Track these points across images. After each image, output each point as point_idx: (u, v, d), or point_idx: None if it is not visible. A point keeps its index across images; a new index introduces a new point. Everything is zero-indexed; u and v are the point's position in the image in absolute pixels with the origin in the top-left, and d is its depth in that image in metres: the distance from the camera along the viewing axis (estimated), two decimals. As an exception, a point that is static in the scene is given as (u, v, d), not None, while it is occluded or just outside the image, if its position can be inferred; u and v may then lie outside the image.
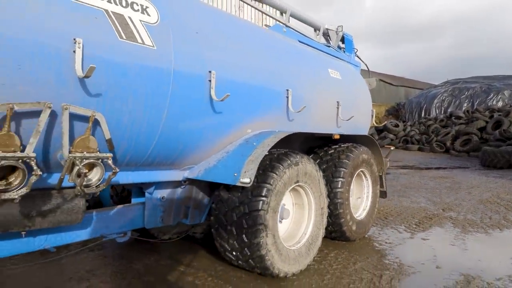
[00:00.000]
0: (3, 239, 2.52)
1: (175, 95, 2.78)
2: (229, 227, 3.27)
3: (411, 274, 3.58)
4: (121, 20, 2.46)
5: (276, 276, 3.33)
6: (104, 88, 2.35)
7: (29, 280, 3.27)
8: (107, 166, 2.39)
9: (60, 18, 2.16)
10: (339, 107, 4.67)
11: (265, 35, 3.99)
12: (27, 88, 2.05)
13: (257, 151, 3.18)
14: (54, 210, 2.53)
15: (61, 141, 2.24)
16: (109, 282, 3.29)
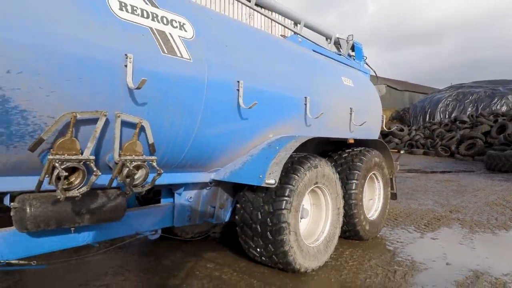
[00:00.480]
0: (54, 234, 2.78)
1: (208, 103, 3.05)
2: (254, 225, 3.52)
3: (423, 270, 3.81)
4: (163, 36, 2.73)
5: (297, 271, 3.57)
6: (149, 97, 2.62)
7: (67, 274, 3.52)
8: (152, 168, 2.65)
9: (114, 36, 2.43)
10: (352, 113, 4.92)
11: (284, 46, 4.25)
12: (86, 98, 2.32)
13: (280, 154, 3.43)
14: (100, 208, 2.78)
15: (113, 145, 2.52)
16: (142, 276, 3.54)
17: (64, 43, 2.18)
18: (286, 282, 3.44)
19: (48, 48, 2.11)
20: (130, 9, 2.57)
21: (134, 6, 2.61)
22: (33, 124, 2.17)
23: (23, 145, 2.21)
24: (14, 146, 2.18)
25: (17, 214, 2.46)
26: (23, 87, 2.05)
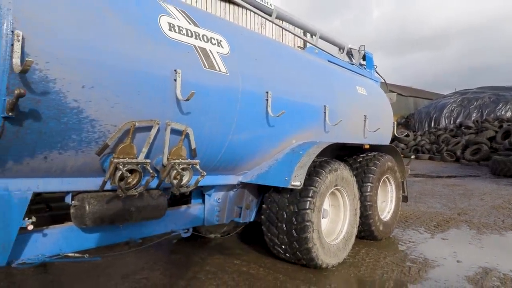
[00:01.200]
0: (105, 230, 3.09)
1: (241, 112, 3.36)
2: (280, 224, 3.82)
3: (435, 267, 4.09)
4: (205, 53, 3.05)
5: (319, 267, 3.86)
6: (193, 108, 2.93)
7: (108, 268, 3.83)
8: (195, 171, 2.97)
9: (165, 53, 2.76)
10: (366, 120, 5.23)
11: (305, 58, 4.58)
12: (142, 108, 2.64)
13: (304, 159, 3.74)
14: (145, 207, 3.09)
15: (162, 150, 2.83)
16: (176, 270, 3.83)
17: (126, 61, 2.51)
18: (309, 277, 3.73)
19: (113, 65, 2.44)
20: (177, 29, 2.90)
21: (180, 26, 2.94)
22: (99, 132, 2.49)
23: (89, 150, 2.53)
24: (82, 151, 2.50)
25: (77, 211, 2.77)
26: (93, 100, 2.37)
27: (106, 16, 2.46)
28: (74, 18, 2.28)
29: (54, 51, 2.15)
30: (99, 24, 2.41)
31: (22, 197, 2.46)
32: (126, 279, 3.59)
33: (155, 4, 2.89)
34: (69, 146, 2.42)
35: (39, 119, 2.20)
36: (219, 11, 9.43)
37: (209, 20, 3.36)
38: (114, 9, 2.53)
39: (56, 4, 2.21)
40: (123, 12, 2.59)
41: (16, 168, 2.34)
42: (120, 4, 2.59)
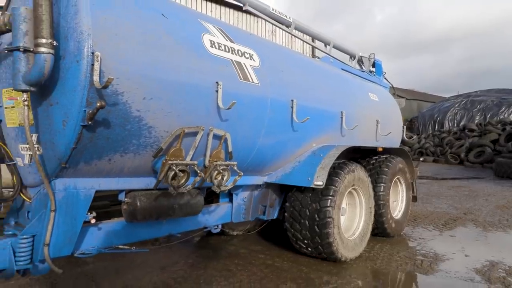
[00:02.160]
0: (149, 225, 3.44)
1: (269, 119, 3.73)
2: (303, 220, 4.17)
3: (445, 260, 4.42)
4: (240, 66, 3.42)
5: (339, 260, 4.20)
6: (231, 115, 3.29)
7: (148, 261, 4.18)
8: (233, 171, 3.33)
9: (208, 67, 3.12)
10: (378, 125, 5.58)
11: (323, 68, 4.94)
12: (190, 116, 3.00)
13: (325, 160, 4.09)
14: (186, 204, 3.45)
15: (204, 152, 3.20)
16: (207, 263, 4.18)
17: (177, 75, 2.87)
18: (330, 269, 4.08)
19: (167, 79, 2.80)
20: (217, 45, 3.27)
21: (220, 43, 3.30)
22: (154, 137, 2.85)
23: (145, 153, 2.89)
24: (139, 154, 2.86)
25: (129, 207, 3.11)
26: (151, 110, 2.73)
27: (162, 37, 2.83)
28: (137, 40, 2.64)
29: (122, 68, 2.51)
30: (156, 44, 2.77)
31: (87, 194, 2.82)
32: (165, 270, 3.94)
33: (198, 24, 3.26)
34: (129, 150, 2.79)
35: (108, 127, 2.57)
36: (232, 19, 9.80)
37: (242, 36, 3.73)
38: (167, 31, 2.90)
39: (124, 29, 2.58)
40: (174, 33, 2.96)
41: (85, 169, 2.70)
42: (171, 25, 2.96)
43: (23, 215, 2.94)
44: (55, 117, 2.45)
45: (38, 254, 2.71)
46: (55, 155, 2.52)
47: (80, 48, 2.33)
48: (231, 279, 3.72)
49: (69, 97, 2.37)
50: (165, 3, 3.10)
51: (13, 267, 2.65)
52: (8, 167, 2.81)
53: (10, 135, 2.76)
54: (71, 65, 2.35)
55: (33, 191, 2.84)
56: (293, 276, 3.85)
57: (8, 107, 2.69)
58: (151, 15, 2.85)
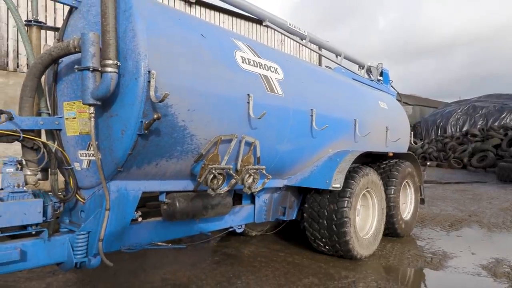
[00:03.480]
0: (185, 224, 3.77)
1: (292, 127, 4.08)
2: (321, 220, 4.50)
3: (453, 258, 4.74)
4: (267, 80, 3.77)
5: (355, 258, 4.52)
6: (259, 123, 3.64)
7: (179, 257, 4.52)
8: (262, 175, 3.67)
9: (240, 81, 3.48)
10: (387, 131, 5.92)
11: (337, 78, 5.30)
12: (225, 125, 3.35)
13: (342, 165, 4.43)
14: (218, 205, 3.79)
15: (237, 158, 3.54)
16: (232, 260, 4.50)
17: (215, 89, 3.23)
18: (347, 265, 4.40)
19: (207, 92, 3.15)
20: (247, 61, 3.63)
21: (249, 59, 3.66)
22: (195, 144, 3.20)
23: (186, 158, 3.24)
24: (181, 159, 3.21)
25: (169, 207, 3.45)
26: (194, 120, 3.08)
27: (202, 55, 3.19)
28: (183, 58, 3.00)
29: (172, 83, 2.86)
30: (198, 61, 3.13)
31: (135, 195, 3.17)
32: (195, 266, 4.27)
33: (230, 42, 3.62)
34: (173, 155, 3.14)
35: (158, 135, 2.92)
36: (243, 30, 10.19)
37: (267, 51, 4.10)
38: (206, 49, 3.26)
39: (172, 49, 2.94)
40: (211, 51, 3.31)
41: (135, 173, 3.05)
42: (209, 44, 3.32)
43: (76, 214, 3.28)
44: (114, 127, 2.80)
45: (93, 249, 3.05)
46: (113, 160, 2.87)
47: (138, 67, 2.69)
48: (257, 274, 4.05)
49: (127, 109, 2.73)
50: (203, 24, 3.47)
51: (72, 260, 2.99)
52: (66, 171, 3.15)
53: (70, 143, 3.11)
54: (130, 82, 2.71)
55: (86, 192, 3.19)
56: (314, 271, 4.18)
57: (69, 118, 3.04)
58: (192, 36, 3.21)
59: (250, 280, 3.87)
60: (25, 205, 2.74)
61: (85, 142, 2.99)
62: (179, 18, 3.29)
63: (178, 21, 3.24)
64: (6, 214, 2.64)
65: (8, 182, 2.76)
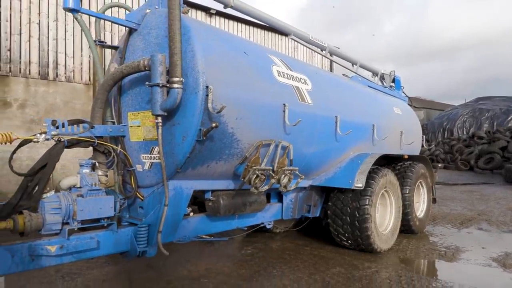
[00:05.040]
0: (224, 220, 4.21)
1: (319, 132, 4.53)
2: (344, 217, 4.94)
3: (465, 251, 5.17)
4: (298, 91, 4.23)
5: (375, 251, 4.95)
6: (293, 130, 4.09)
7: (216, 250, 4.97)
8: (295, 175, 4.12)
9: (277, 92, 3.93)
10: (402, 135, 6.36)
11: (356, 87, 5.75)
12: (265, 131, 3.81)
13: (362, 166, 4.87)
14: (254, 202, 4.24)
15: (274, 160, 3.99)
16: (264, 253, 4.95)
17: (257, 99, 3.69)
18: (368, 257, 4.84)
19: (251, 102, 3.61)
20: (282, 74, 4.09)
21: (283, 72, 4.13)
22: (240, 148, 3.66)
23: (231, 160, 3.70)
24: (228, 161, 3.67)
25: (214, 204, 3.90)
26: (240, 127, 3.54)
27: (246, 70, 3.65)
28: (231, 73, 3.47)
29: (224, 95, 3.32)
30: (243, 76, 3.60)
31: (188, 193, 3.63)
32: (231, 258, 4.73)
33: (267, 58, 4.08)
34: (222, 158, 3.60)
35: (212, 141, 3.38)
36: (259, 38, 10.68)
37: (297, 64, 4.56)
38: (249, 65, 3.72)
39: (223, 66, 3.41)
40: (253, 66, 3.78)
41: (190, 173, 3.51)
42: (251, 60, 3.79)
43: (135, 210, 3.74)
44: (176, 134, 3.26)
45: (152, 240, 3.51)
46: (174, 162, 3.34)
47: (197, 83, 3.16)
48: (288, 264, 4.50)
49: (188, 119, 3.19)
50: (245, 43, 3.94)
51: (135, 249, 3.45)
52: (127, 172, 3.62)
53: (133, 147, 3.58)
54: (190, 96, 3.17)
55: (145, 191, 3.65)
56: (339, 262, 4.62)
57: (134, 126, 3.51)
58: (237, 53, 3.69)
59: (284, 270, 4.31)
60: (100, 201, 3.21)
61: (148, 147, 3.46)
62: (225, 38, 3.77)
63: (225, 41, 3.71)
64: (86, 208, 3.11)
65: (86, 181, 3.23)
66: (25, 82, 6.59)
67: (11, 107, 6.63)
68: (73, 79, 7.20)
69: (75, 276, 3.96)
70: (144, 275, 4.10)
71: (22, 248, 2.86)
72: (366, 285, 3.89)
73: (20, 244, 2.86)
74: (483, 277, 4.29)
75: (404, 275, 4.20)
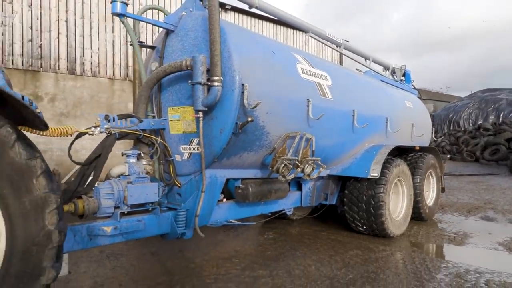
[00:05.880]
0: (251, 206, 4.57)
1: (338, 125, 4.86)
2: (360, 204, 5.29)
3: (473, 236, 5.51)
4: (320, 87, 4.56)
5: (388, 236, 5.31)
6: (315, 123, 4.43)
7: (241, 234, 5.35)
8: (317, 165, 4.47)
9: (301, 88, 4.27)
10: (413, 127, 6.68)
11: (369, 81, 6.06)
12: (291, 124, 4.15)
13: (377, 157, 5.21)
14: (278, 189, 4.59)
15: (298, 151, 4.34)
16: (285, 237, 5.32)
17: (284, 95, 4.02)
18: (382, 241, 5.20)
19: (279, 98, 3.95)
20: (305, 71, 4.42)
21: (307, 69, 4.45)
22: (268, 140, 4.01)
23: (260, 151, 4.05)
24: (257, 152, 4.02)
25: (243, 191, 4.25)
26: (271, 121, 3.89)
27: (274, 68, 3.99)
28: (262, 71, 3.80)
29: (257, 91, 3.66)
30: (272, 73, 3.93)
31: (221, 181, 3.99)
32: (257, 241, 5.11)
33: (292, 56, 4.41)
34: (253, 149, 3.95)
35: (245, 133, 3.72)
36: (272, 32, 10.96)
37: (318, 62, 4.88)
38: (276, 62, 4.05)
39: (255, 65, 3.74)
40: (281, 64, 4.11)
41: (224, 163, 3.87)
42: (278, 59, 4.11)
43: (172, 196, 4.10)
44: (214, 127, 3.61)
45: (190, 223, 3.88)
46: (211, 153, 3.69)
47: (234, 81, 3.49)
48: (309, 247, 4.87)
49: (226, 114, 3.53)
50: (272, 43, 4.27)
51: (176, 231, 3.82)
52: (166, 162, 3.98)
53: (173, 139, 3.93)
54: (227, 93, 3.51)
55: (182, 179, 4.01)
56: (356, 246, 4.99)
57: (174, 120, 3.86)
58: (266, 53, 4.01)
59: (306, 252, 4.68)
60: (147, 187, 3.58)
61: (187, 139, 3.81)
62: (255, 38, 4.10)
63: (255, 41, 4.04)
64: (135, 194, 3.48)
65: (134, 170, 3.59)
66: (55, 77, 6.95)
67: (43, 101, 7.02)
68: (98, 74, 7.55)
69: (119, 256, 4.35)
70: (180, 255, 4.48)
71: (82, 229, 3.23)
72: (382, 265, 4.25)
73: (80, 225, 3.23)
74: (490, 259, 4.64)
75: (417, 257, 4.56)
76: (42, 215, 2.10)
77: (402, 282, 3.75)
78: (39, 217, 2.10)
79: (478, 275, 3.91)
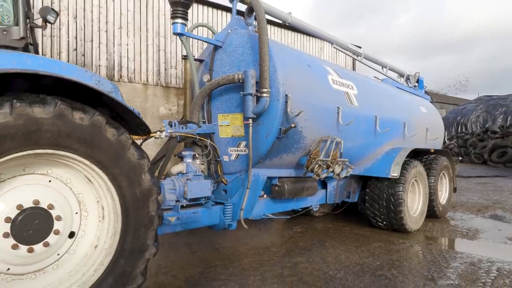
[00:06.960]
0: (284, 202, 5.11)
1: (362, 129, 5.40)
2: (381, 201, 5.81)
3: (484, 232, 6.02)
4: (348, 95, 5.10)
5: (406, 231, 5.82)
6: (344, 128, 4.97)
7: (269, 229, 5.89)
8: (346, 166, 5.01)
9: (332, 97, 4.81)
10: (427, 131, 7.19)
11: (388, 88, 6.60)
12: (324, 129, 4.69)
13: (397, 158, 5.74)
14: (309, 187, 5.13)
15: (329, 153, 4.88)
16: (312, 231, 5.85)
17: (319, 103, 4.57)
18: (401, 235, 5.72)
19: (315, 106, 4.49)
20: (336, 82, 4.96)
21: (336, 80, 4.99)
22: (305, 143, 4.55)
23: (297, 153, 4.59)
24: (294, 153, 4.57)
25: (280, 188, 4.79)
26: (307, 126, 4.43)
27: (310, 79, 4.53)
28: (301, 82, 4.35)
29: (297, 100, 4.20)
30: (309, 84, 4.48)
31: (263, 179, 4.53)
32: (286, 234, 5.65)
33: (324, 69, 4.95)
34: (291, 151, 4.50)
35: (287, 137, 4.27)
36: (289, 39, 11.51)
37: (345, 73, 5.43)
38: (312, 75, 4.60)
39: (295, 77, 4.28)
40: (315, 76, 4.66)
41: (267, 163, 4.42)
42: (313, 71, 4.66)
43: (219, 192, 4.65)
44: (260, 132, 4.16)
45: (236, 216, 4.42)
46: (257, 154, 4.24)
47: (278, 92, 4.04)
48: (336, 240, 5.41)
49: (271, 120, 4.08)
50: (307, 57, 4.82)
51: (224, 223, 4.37)
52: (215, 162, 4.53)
53: (221, 142, 4.48)
54: (273, 102, 4.05)
55: (228, 177, 4.56)
56: (377, 239, 5.51)
57: (223, 125, 4.42)
58: (303, 66, 4.57)
59: (334, 243, 5.22)
60: (202, 183, 4.14)
61: (236, 142, 4.36)
62: (293, 53, 4.65)
63: (294, 56, 4.60)
64: (193, 189, 4.03)
65: (191, 168, 4.16)
66: (95, 83, 7.47)
67: (84, 105, 7.53)
68: (133, 80, 8.13)
69: (170, 245, 4.91)
70: (224, 245, 5.03)
71: (151, 218, 3.78)
72: (404, 255, 4.78)
73: (149, 215, 3.78)
74: (500, 251, 5.14)
75: (434, 248, 5.08)
76: (147, 203, 2.66)
77: (424, 268, 4.28)
78: (146, 205, 2.66)
79: (490, 264, 4.42)
